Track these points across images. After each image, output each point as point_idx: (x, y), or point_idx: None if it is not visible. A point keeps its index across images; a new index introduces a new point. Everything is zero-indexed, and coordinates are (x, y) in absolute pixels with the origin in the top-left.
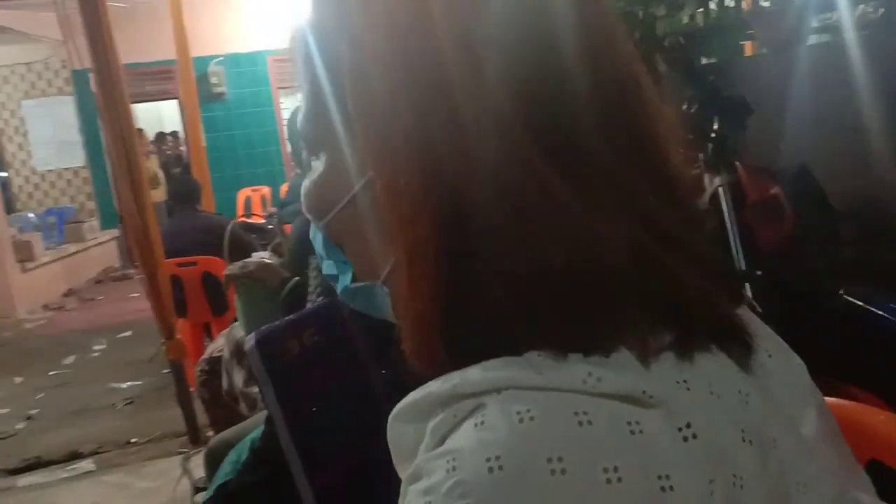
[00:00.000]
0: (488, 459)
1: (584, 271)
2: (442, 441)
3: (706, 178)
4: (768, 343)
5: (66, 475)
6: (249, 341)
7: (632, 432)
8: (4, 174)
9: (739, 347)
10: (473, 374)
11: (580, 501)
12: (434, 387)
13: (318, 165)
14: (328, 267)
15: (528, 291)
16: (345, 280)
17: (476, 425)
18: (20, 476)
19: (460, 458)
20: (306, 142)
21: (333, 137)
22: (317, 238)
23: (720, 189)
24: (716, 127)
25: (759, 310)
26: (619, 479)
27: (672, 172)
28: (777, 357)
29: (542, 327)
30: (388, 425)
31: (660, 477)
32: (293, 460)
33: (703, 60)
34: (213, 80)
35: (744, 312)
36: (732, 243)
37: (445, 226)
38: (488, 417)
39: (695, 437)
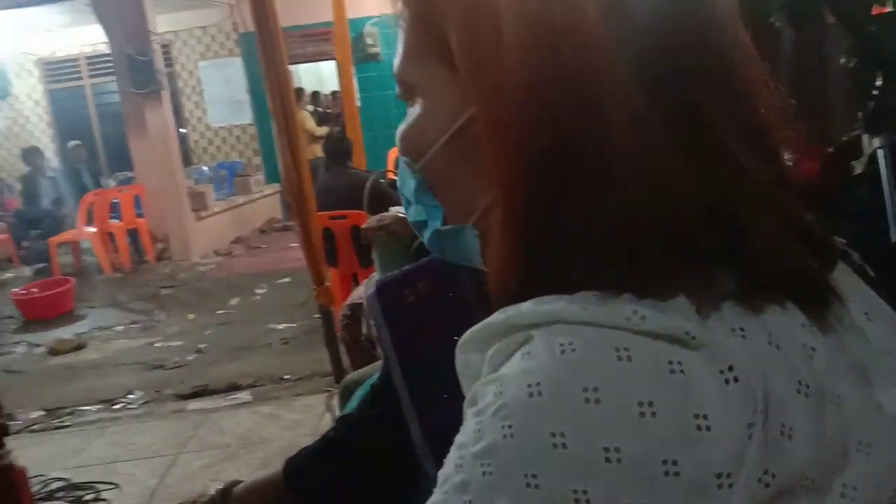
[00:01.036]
0: (529, 385)
1: (655, 214)
2: (496, 369)
3: (864, 139)
4: (871, 307)
5: (226, 403)
6: (370, 289)
7: (672, 371)
8: (183, 130)
9: (816, 303)
10: (525, 308)
11: (611, 430)
12: (492, 318)
13: (414, 110)
14: (416, 213)
15: (597, 230)
16: (434, 224)
17: (523, 355)
18: (190, 401)
19: (506, 384)
20: (402, 86)
21: (430, 80)
22: (407, 183)
23: (879, 151)
24: (878, 83)
25: (872, 274)
26: (654, 414)
27: (762, 123)
28: (881, 323)
29: (600, 266)
30: (456, 355)
31: (696, 416)
32: (404, 399)
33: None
34: (368, 40)
35: (839, 273)
36: (889, 209)
37: (541, 161)
38: (534, 348)
39: (736, 380)
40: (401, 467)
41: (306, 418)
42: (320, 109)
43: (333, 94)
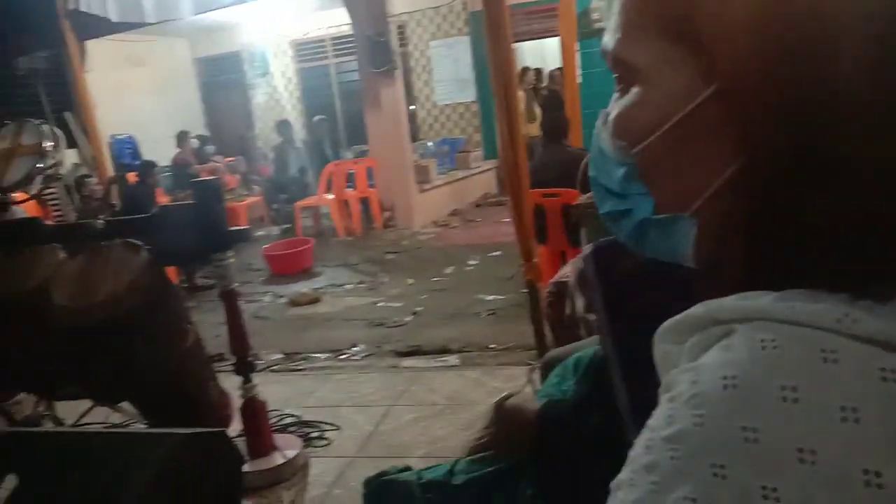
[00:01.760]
0: (725, 377)
1: (893, 215)
2: (694, 359)
3: None
4: None
5: (437, 364)
6: (587, 249)
7: (883, 378)
8: (413, 107)
9: None
10: (728, 302)
11: (808, 431)
12: (692, 311)
13: (632, 91)
14: (614, 203)
15: (837, 228)
16: (641, 214)
17: (722, 348)
18: (405, 358)
19: (701, 374)
20: (619, 65)
21: (657, 60)
22: (611, 171)
23: None
24: None
25: None
26: (857, 421)
27: None
28: None
29: (826, 264)
30: (654, 344)
31: None
32: (613, 367)
33: None
34: (595, 15)
35: None
36: None
37: (789, 150)
38: (734, 342)
39: None
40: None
41: (508, 387)
42: (543, 87)
43: (558, 69)
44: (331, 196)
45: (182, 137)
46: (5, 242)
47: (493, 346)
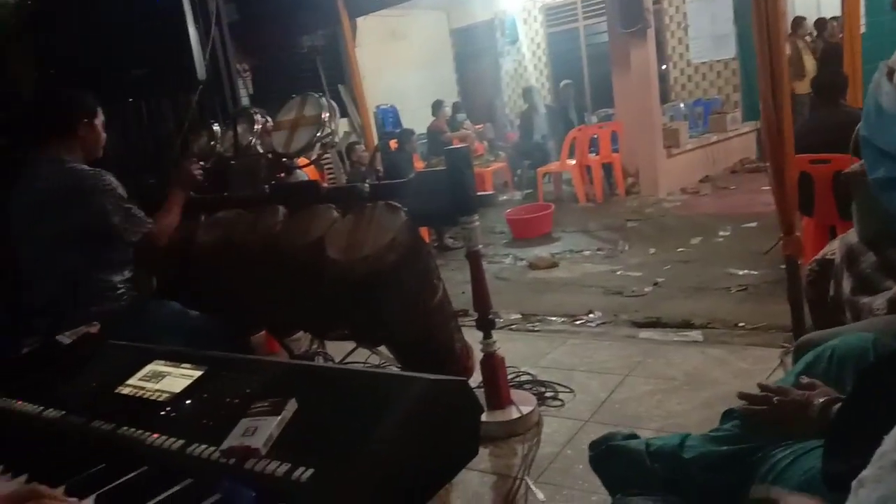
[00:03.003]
0: None
1: None
2: None
3: None
4: None
5: (676, 339)
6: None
7: None
8: (664, 67)
9: None
10: None
11: None
12: None
13: None
14: (889, 168)
15: None
16: None
17: None
18: (642, 329)
19: None
20: None
21: None
22: (891, 131)
23: None
24: None
25: None
26: None
27: None
28: None
29: None
30: None
31: None
32: None
33: None
34: None
35: None
36: None
37: None
38: None
39: None
40: None
41: (757, 370)
42: (823, 39)
43: (834, 18)
44: (573, 162)
45: (437, 106)
46: (291, 201)
47: (741, 324)
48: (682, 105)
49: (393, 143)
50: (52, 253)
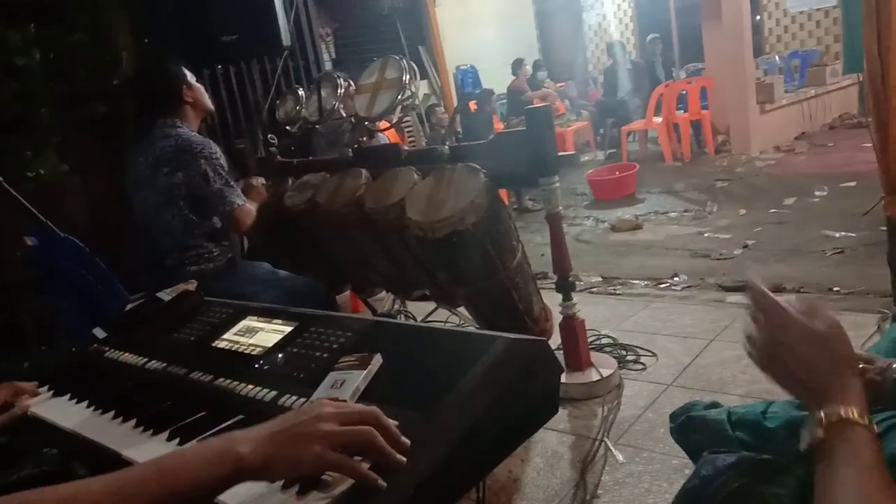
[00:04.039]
0: None
1: None
2: None
3: None
4: None
5: None
6: None
7: None
8: (758, 18)
9: None
10: None
11: None
12: None
13: None
14: None
15: None
16: None
17: None
18: (730, 293)
19: None
20: None
21: None
22: None
23: None
24: None
25: None
26: None
27: None
28: None
29: None
30: None
31: None
32: None
33: None
34: None
35: None
36: None
37: None
38: None
39: None
40: None
41: (852, 336)
42: None
43: None
44: (659, 119)
45: (517, 65)
46: (373, 164)
47: (837, 288)
48: (777, 58)
49: (472, 105)
50: (160, 214)
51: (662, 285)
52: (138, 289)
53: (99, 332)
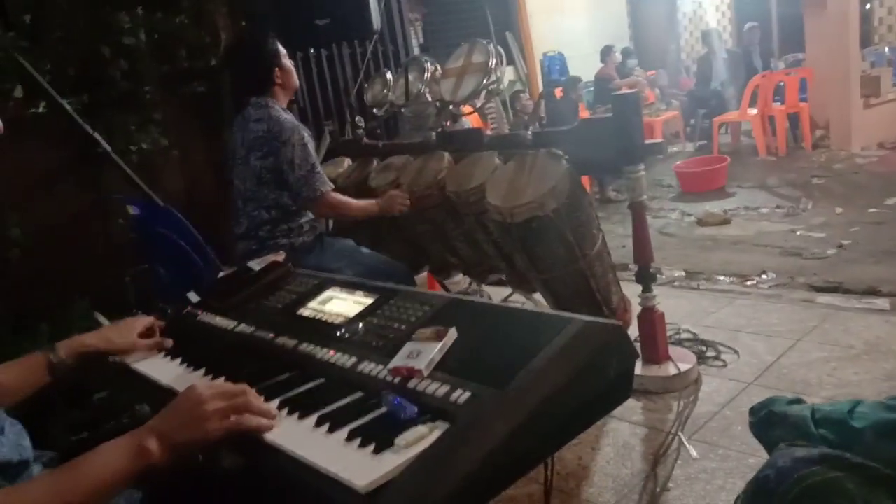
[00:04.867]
0: None
1: None
2: None
3: None
4: None
5: (859, 306)
6: None
7: None
8: (867, 6)
9: None
10: None
11: None
12: None
13: None
14: None
15: None
16: None
17: None
18: (820, 294)
19: None
20: None
21: None
22: None
23: None
24: None
25: None
26: None
27: None
28: None
29: None
30: None
31: None
32: None
33: None
34: None
35: None
36: None
37: None
38: None
39: None
40: None
41: None
42: None
43: None
44: (754, 111)
45: (606, 52)
46: (456, 148)
47: None
48: (886, 49)
49: (558, 92)
50: (254, 191)
51: (749, 283)
52: (230, 258)
53: (192, 297)
